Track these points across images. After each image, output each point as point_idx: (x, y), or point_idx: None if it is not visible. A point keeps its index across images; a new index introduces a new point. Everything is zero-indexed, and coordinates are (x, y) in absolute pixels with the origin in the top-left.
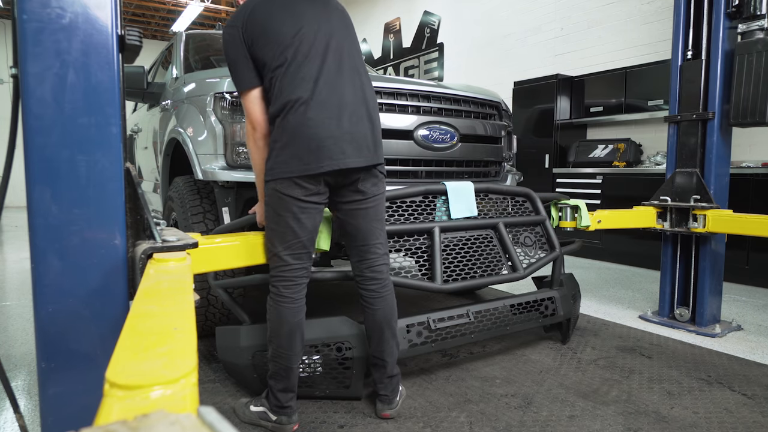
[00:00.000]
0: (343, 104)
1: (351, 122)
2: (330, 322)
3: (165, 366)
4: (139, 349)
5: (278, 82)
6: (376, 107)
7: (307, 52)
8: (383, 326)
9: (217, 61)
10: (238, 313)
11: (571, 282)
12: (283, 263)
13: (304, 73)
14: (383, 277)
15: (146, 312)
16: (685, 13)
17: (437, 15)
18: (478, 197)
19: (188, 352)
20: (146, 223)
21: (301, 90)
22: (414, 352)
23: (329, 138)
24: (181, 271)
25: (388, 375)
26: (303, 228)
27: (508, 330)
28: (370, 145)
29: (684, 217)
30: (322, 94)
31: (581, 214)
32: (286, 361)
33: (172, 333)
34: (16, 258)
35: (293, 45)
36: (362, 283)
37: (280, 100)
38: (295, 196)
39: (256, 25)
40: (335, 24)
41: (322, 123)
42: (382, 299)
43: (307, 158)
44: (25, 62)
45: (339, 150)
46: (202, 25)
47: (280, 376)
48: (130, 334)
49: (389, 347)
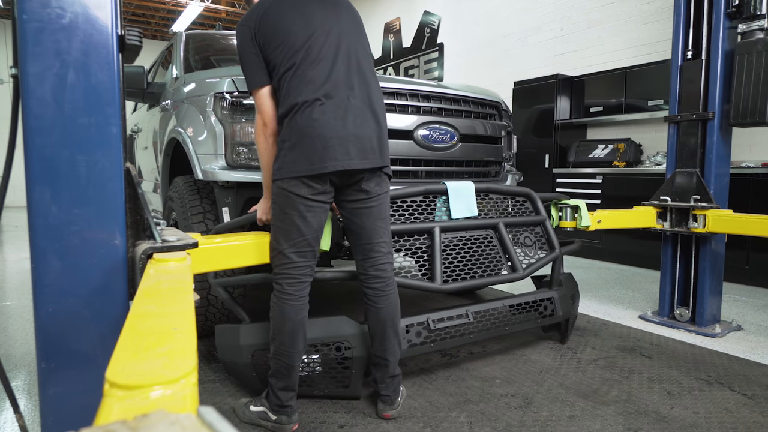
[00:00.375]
0: (350, 106)
1: (356, 124)
2: (330, 322)
3: (165, 366)
4: (139, 349)
5: (287, 84)
6: (383, 109)
7: (316, 55)
8: (386, 325)
9: (217, 61)
10: (238, 311)
11: (570, 282)
12: (288, 261)
13: (311, 76)
14: (387, 275)
15: (146, 312)
16: (685, 13)
17: (437, 15)
18: (478, 197)
19: (188, 352)
20: (146, 223)
21: (308, 92)
22: (413, 352)
23: (334, 139)
24: (181, 271)
25: (390, 375)
26: (308, 226)
27: (507, 330)
28: (375, 148)
29: (684, 217)
30: (330, 96)
31: (581, 214)
32: (288, 359)
33: (172, 333)
34: (16, 258)
35: (303, 48)
36: (366, 281)
37: (289, 101)
38: (302, 195)
39: (268, 26)
40: (345, 25)
41: (328, 124)
42: (386, 298)
43: (313, 158)
44: (25, 62)
45: (344, 151)
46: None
47: (282, 375)
48: (130, 334)
49: (392, 346)
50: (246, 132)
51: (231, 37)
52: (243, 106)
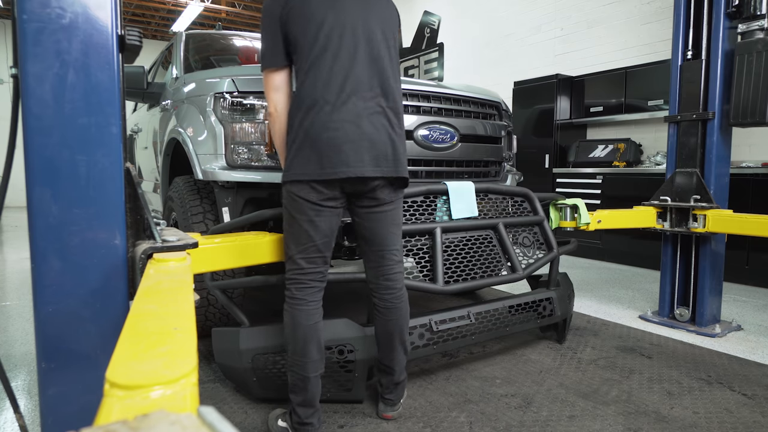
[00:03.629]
0: (366, 109)
1: (372, 129)
2: (332, 324)
3: (165, 366)
4: (139, 349)
5: (303, 77)
6: (402, 116)
7: (338, 51)
8: (394, 336)
9: (217, 61)
10: (237, 314)
11: (566, 281)
12: (297, 267)
13: (329, 73)
14: (399, 286)
15: (146, 312)
16: (685, 13)
17: (437, 15)
18: (477, 197)
19: (188, 352)
20: (146, 223)
21: (324, 90)
22: (416, 354)
23: (348, 143)
24: (182, 271)
25: (395, 382)
26: (318, 231)
27: (507, 331)
28: (389, 156)
29: (684, 217)
30: (347, 97)
31: (580, 212)
32: (301, 369)
33: (172, 333)
34: (16, 258)
35: (326, 40)
36: (377, 291)
37: (302, 97)
38: (311, 200)
39: (295, 8)
40: (375, 22)
41: (342, 127)
42: (396, 310)
43: (323, 162)
44: (25, 62)
45: (357, 158)
46: (202, 25)
47: (298, 388)
48: (130, 334)
49: (398, 355)
50: (246, 132)
51: (231, 37)
52: (243, 106)
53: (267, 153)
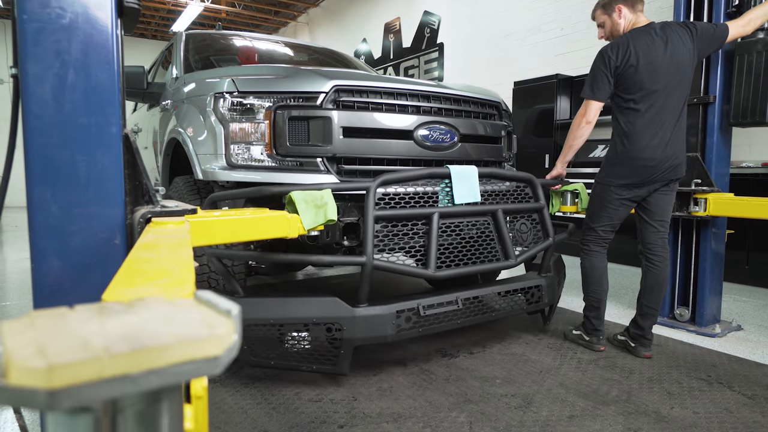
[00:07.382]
0: (665, 140)
1: (669, 152)
2: (322, 302)
3: (162, 292)
4: (137, 281)
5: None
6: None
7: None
8: (662, 283)
9: (217, 61)
10: (233, 284)
11: (558, 265)
12: (596, 234)
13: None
14: (666, 247)
15: (144, 258)
16: (685, 12)
17: (437, 15)
18: (480, 182)
19: (187, 282)
20: (145, 188)
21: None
22: (400, 336)
23: (653, 160)
24: (180, 232)
25: (655, 322)
26: (616, 216)
27: (493, 316)
28: (678, 166)
29: (685, 201)
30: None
31: (581, 197)
32: (598, 295)
33: (171, 271)
34: (16, 258)
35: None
36: (653, 249)
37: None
38: (622, 196)
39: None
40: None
41: (653, 153)
42: (666, 261)
43: (638, 173)
44: (25, 62)
45: (661, 171)
46: (202, 25)
47: (593, 308)
48: (126, 272)
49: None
50: (246, 132)
51: (231, 37)
52: (243, 106)
53: (267, 153)
